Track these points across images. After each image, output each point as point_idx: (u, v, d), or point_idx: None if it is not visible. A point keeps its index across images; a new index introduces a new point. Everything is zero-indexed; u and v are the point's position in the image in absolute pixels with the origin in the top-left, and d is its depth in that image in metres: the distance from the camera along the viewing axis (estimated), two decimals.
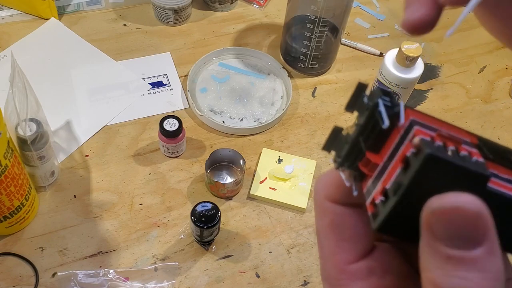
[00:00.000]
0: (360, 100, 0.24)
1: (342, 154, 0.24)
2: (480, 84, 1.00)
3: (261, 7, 1.06)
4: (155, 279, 0.71)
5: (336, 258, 0.25)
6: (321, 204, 0.26)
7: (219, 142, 0.85)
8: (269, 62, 0.96)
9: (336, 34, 0.91)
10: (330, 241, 0.25)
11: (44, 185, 0.76)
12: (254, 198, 0.79)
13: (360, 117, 0.24)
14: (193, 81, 0.92)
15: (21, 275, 0.69)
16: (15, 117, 0.67)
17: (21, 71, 0.66)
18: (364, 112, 0.24)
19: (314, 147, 0.86)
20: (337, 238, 0.25)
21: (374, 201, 0.23)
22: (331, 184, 0.26)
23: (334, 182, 0.26)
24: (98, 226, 0.75)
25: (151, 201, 0.78)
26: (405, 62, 0.74)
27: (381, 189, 0.22)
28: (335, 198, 0.26)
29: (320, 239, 0.26)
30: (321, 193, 0.26)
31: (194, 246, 0.74)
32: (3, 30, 0.95)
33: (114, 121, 0.86)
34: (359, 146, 0.24)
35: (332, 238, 0.25)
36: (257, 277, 0.73)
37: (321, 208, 0.26)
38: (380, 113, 0.23)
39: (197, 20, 1.02)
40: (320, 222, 0.26)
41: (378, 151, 0.24)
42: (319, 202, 0.26)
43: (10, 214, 0.69)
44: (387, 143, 0.23)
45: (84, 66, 0.92)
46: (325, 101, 0.93)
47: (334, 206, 0.26)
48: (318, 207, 0.26)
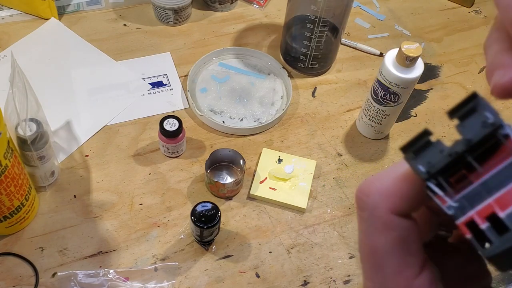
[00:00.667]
0: (466, 110, 0.23)
1: (439, 165, 0.22)
2: (480, 84, 1.00)
3: (261, 7, 1.06)
4: (155, 279, 0.71)
5: (403, 276, 0.23)
6: (385, 218, 0.23)
7: (219, 142, 0.85)
8: (269, 62, 0.96)
9: (336, 34, 0.91)
10: (395, 258, 0.23)
11: (44, 185, 0.76)
12: (254, 198, 0.79)
13: (466, 129, 0.22)
14: (193, 81, 0.92)
15: (21, 275, 0.69)
16: (15, 117, 0.67)
17: (21, 71, 0.66)
18: (476, 127, 0.22)
19: (314, 147, 0.86)
20: (403, 254, 0.23)
21: (476, 224, 0.21)
22: (395, 195, 0.23)
23: (398, 193, 0.23)
24: (98, 226, 0.75)
25: (151, 201, 0.78)
26: (405, 62, 0.74)
27: (486, 212, 0.21)
28: (402, 210, 0.23)
29: (378, 258, 0.23)
30: (384, 206, 0.23)
31: (194, 246, 0.74)
32: (3, 30, 0.95)
33: (114, 121, 0.86)
34: (463, 161, 0.22)
35: (398, 255, 0.23)
36: (257, 277, 0.73)
37: (384, 223, 0.23)
38: (504, 135, 0.21)
39: (197, 20, 1.02)
40: (383, 239, 0.23)
41: (477, 168, 0.22)
42: (381, 216, 0.23)
43: (10, 214, 0.69)
44: (491, 160, 0.22)
45: (84, 66, 0.92)
46: (325, 101, 0.93)
47: (400, 219, 0.23)
48: (380, 222, 0.23)
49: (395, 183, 0.23)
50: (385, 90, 0.78)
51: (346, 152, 0.87)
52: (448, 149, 0.22)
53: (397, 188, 0.23)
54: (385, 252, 0.23)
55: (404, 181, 0.24)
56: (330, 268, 0.74)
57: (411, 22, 1.08)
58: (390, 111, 0.82)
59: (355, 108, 0.92)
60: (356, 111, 0.92)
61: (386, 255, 0.23)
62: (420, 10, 1.10)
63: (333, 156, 0.86)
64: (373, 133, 0.87)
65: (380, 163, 0.86)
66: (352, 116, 0.91)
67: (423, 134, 0.23)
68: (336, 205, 0.81)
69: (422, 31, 1.06)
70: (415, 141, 0.23)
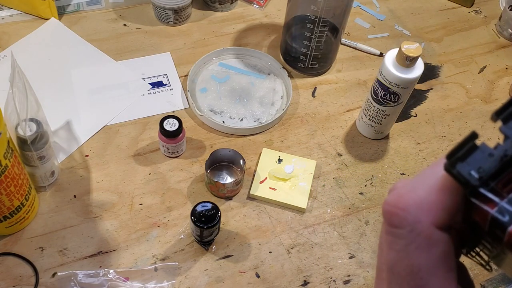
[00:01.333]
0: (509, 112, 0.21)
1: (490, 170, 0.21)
2: (480, 84, 1.00)
3: (261, 7, 1.06)
4: (155, 279, 0.71)
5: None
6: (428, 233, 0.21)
7: (219, 142, 0.85)
8: (269, 62, 0.95)
9: (336, 34, 0.91)
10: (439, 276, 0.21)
11: (44, 185, 0.76)
12: (254, 198, 0.79)
13: None
14: (193, 81, 0.92)
15: (21, 275, 0.69)
16: (15, 117, 0.67)
17: (21, 71, 0.66)
18: None
19: (314, 147, 0.86)
20: (445, 270, 0.21)
21: None
22: (436, 208, 0.21)
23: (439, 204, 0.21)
24: (98, 226, 0.75)
25: (151, 201, 0.78)
26: (405, 62, 0.74)
27: None
28: (444, 223, 0.21)
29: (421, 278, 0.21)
30: (426, 220, 0.21)
31: (194, 246, 0.74)
32: (3, 30, 0.95)
33: (114, 121, 0.86)
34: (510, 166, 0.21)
35: (441, 272, 0.21)
36: (257, 277, 0.73)
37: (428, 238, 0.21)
38: None
39: (197, 20, 1.02)
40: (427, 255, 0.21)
41: None
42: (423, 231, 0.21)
43: (10, 214, 0.69)
44: None
45: (84, 66, 0.92)
46: (325, 101, 0.93)
47: (443, 234, 0.21)
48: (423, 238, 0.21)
49: (433, 193, 0.21)
50: (385, 90, 0.78)
51: (346, 152, 0.87)
52: (498, 152, 0.21)
53: (437, 199, 0.21)
54: (429, 270, 0.21)
55: (443, 190, 0.22)
56: (330, 268, 0.74)
57: (411, 22, 1.08)
58: (390, 111, 0.82)
59: (355, 108, 0.92)
60: (356, 111, 0.92)
61: (430, 273, 0.21)
62: (420, 10, 1.10)
63: (333, 156, 0.86)
64: (373, 133, 0.87)
65: (380, 163, 0.86)
66: (352, 116, 0.91)
67: (470, 138, 0.22)
68: (336, 205, 0.81)
69: (422, 31, 1.06)
70: (461, 146, 0.22)
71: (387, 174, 0.85)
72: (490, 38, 1.07)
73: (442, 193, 0.21)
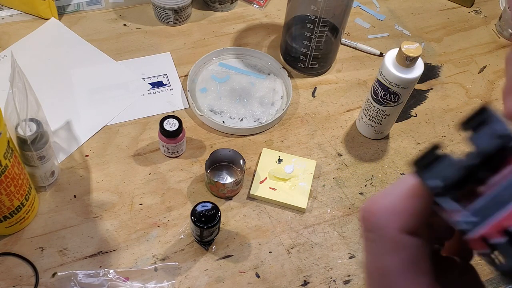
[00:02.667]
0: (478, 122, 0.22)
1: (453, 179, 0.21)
2: (480, 84, 1.00)
3: (261, 7, 1.06)
4: (155, 279, 0.71)
5: None
6: (395, 237, 0.22)
7: (219, 142, 0.85)
8: (269, 62, 0.96)
9: (336, 34, 0.91)
10: (408, 279, 0.22)
11: (44, 185, 0.76)
12: (254, 198, 0.79)
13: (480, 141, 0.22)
14: (193, 81, 0.92)
15: (21, 275, 0.69)
16: (15, 117, 0.67)
17: (21, 71, 0.66)
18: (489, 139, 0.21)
19: (314, 147, 0.86)
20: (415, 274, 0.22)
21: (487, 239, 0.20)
22: (404, 213, 0.22)
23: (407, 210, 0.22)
24: (98, 226, 0.75)
25: (151, 201, 0.78)
26: (405, 62, 0.74)
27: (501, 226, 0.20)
28: (411, 228, 0.22)
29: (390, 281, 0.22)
30: (393, 225, 0.22)
31: (194, 246, 0.74)
32: (3, 30, 0.95)
33: (114, 121, 0.86)
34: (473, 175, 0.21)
35: (410, 276, 0.22)
36: (257, 277, 0.73)
37: (395, 242, 0.22)
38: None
39: (197, 20, 1.02)
40: (395, 260, 0.22)
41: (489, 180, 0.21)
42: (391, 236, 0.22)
43: (10, 214, 0.69)
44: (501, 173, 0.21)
45: (84, 66, 0.92)
46: (325, 101, 0.93)
47: (410, 238, 0.22)
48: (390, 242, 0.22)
49: (402, 200, 0.22)
50: (385, 90, 0.78)
51: (346, 152, 0.87)
52: (461, 161, 0.22)
53: (405, 205, 0.22)
54: (397, 273, 0.22)
55: (411, 197, 0.23)
56: (330, 268, 0.74)
57: (411, 22, 1.08)
58: (390, 111, 0.82)
59: (355, 108, 0.92)
60: (356, 111, 0.92)
61: (398, 276, 0.22)
62: (420, 10, 1.10)
63: (333, 156, 0.86)
64: (373, 133, 0.87)
65: (380, 163, 0.86)
66: (352, 116, 0.91)
67: (433, 149, 0.22)
68: (336, 205, 0.81)
69: (422, 31, 1.06)
70: (426, 155, 0.22)
71: (387, 174, 0.85)
72: (490, 38, 1.07)
73: (410, 199, 0.22)
